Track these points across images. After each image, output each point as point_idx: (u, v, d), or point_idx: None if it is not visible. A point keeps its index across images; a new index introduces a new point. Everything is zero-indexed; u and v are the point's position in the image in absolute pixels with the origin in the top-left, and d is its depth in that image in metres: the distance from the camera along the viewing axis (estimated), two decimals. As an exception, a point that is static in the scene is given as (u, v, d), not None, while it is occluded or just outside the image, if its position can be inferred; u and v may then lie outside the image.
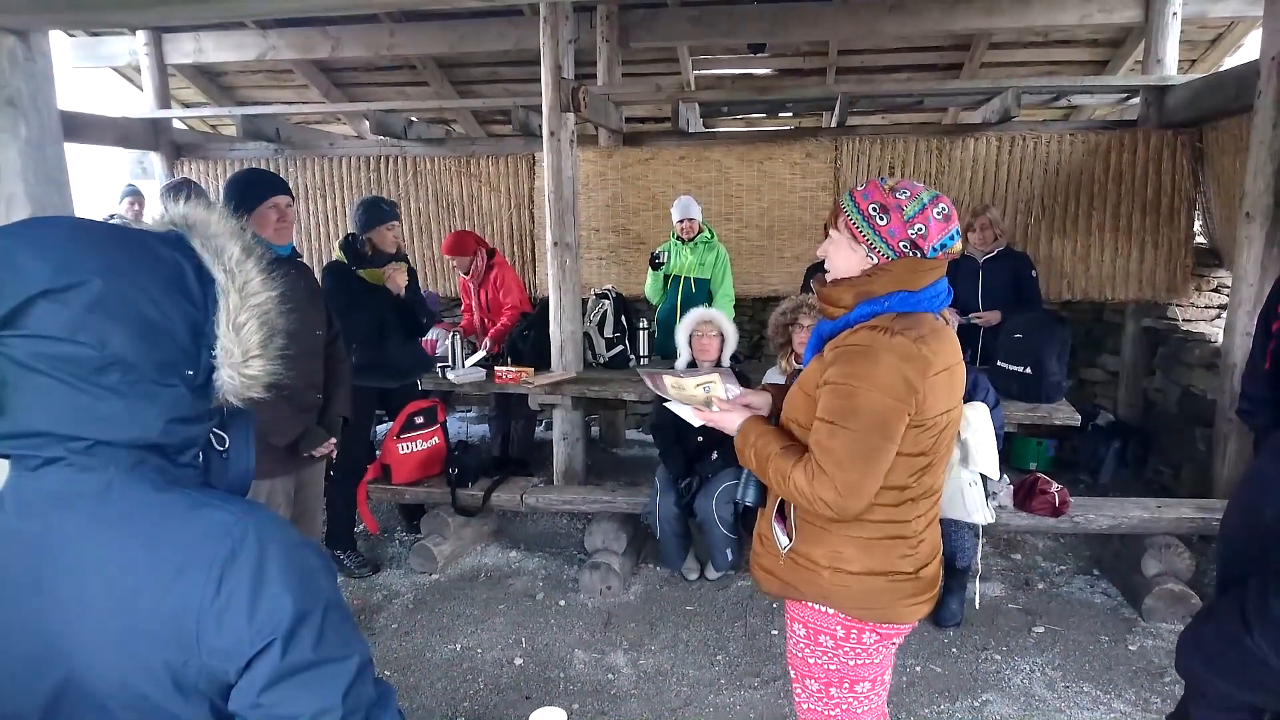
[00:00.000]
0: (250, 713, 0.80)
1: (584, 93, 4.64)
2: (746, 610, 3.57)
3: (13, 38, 1.17)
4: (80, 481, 0.81)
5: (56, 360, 0.78)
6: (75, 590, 0.79)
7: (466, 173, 6.03)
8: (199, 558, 0.79)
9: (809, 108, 6.83)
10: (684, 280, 4.81)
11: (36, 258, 0.78)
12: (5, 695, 0.83)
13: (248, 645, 0.79)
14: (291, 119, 6.93)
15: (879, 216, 1.61)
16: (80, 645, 0.79)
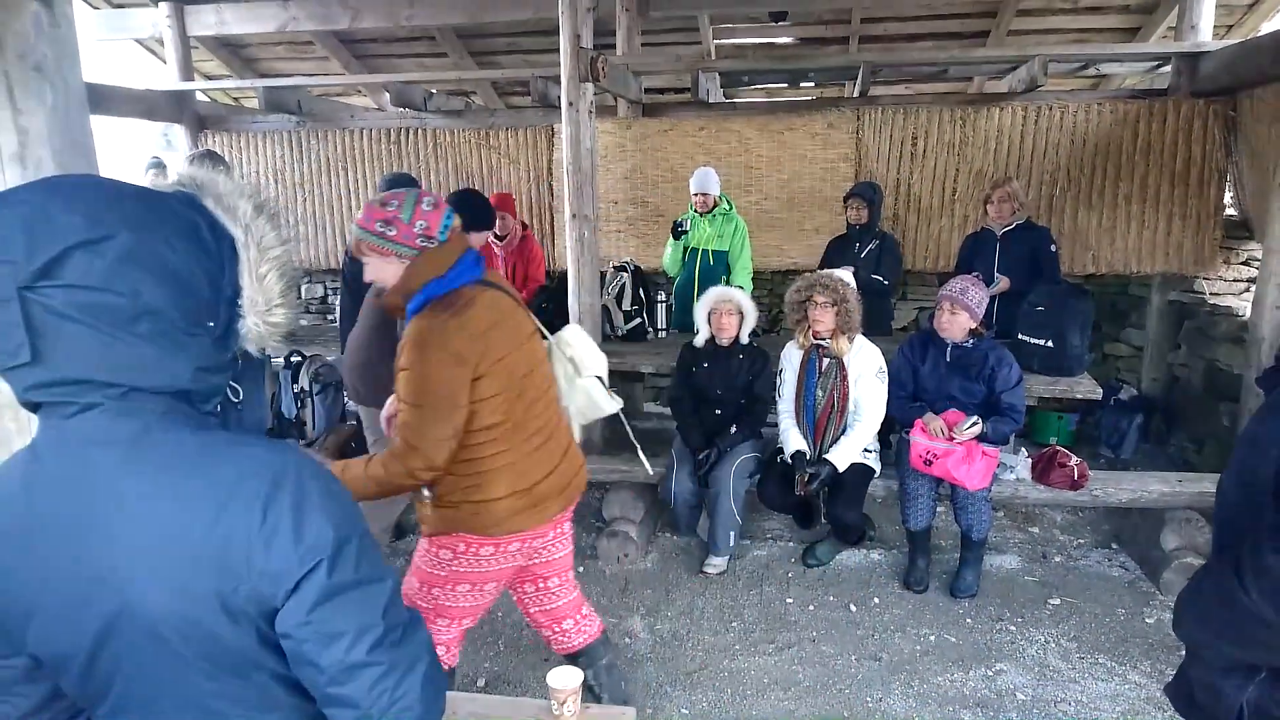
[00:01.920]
0: (299, 630, 0.85)
1: (603, 62, 4.60)
2: (761, 579, 3.61)
3: (37, 4, 1.18)
4: (117, 426, 0.84)
5: (92, 309, 0.81)
6: (122, 528, 0.83)
7: (486, 145, 6.03)
8: (244, 489, 0.84)
9: (831, 77, 6.74)
10: (701, 253, 4.77)
11: (69, 211, 0.81)
12: (53, 635, 0.87)
13: (296, 568, 0.84)
14: (313, 91, 6.95)
15: (387, 230, 1.94)
16: (132, 580, 0.83)
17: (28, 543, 0.85)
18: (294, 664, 0.89)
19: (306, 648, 0.86)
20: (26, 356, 0.80)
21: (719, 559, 3.65)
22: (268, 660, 0.89)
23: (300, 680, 0.91)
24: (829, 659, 3.03)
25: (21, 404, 0.86)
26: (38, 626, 0.87)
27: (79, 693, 0.92)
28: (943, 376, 3.48)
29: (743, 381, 3.70)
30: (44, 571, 0.85)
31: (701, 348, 3.75)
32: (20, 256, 0.78)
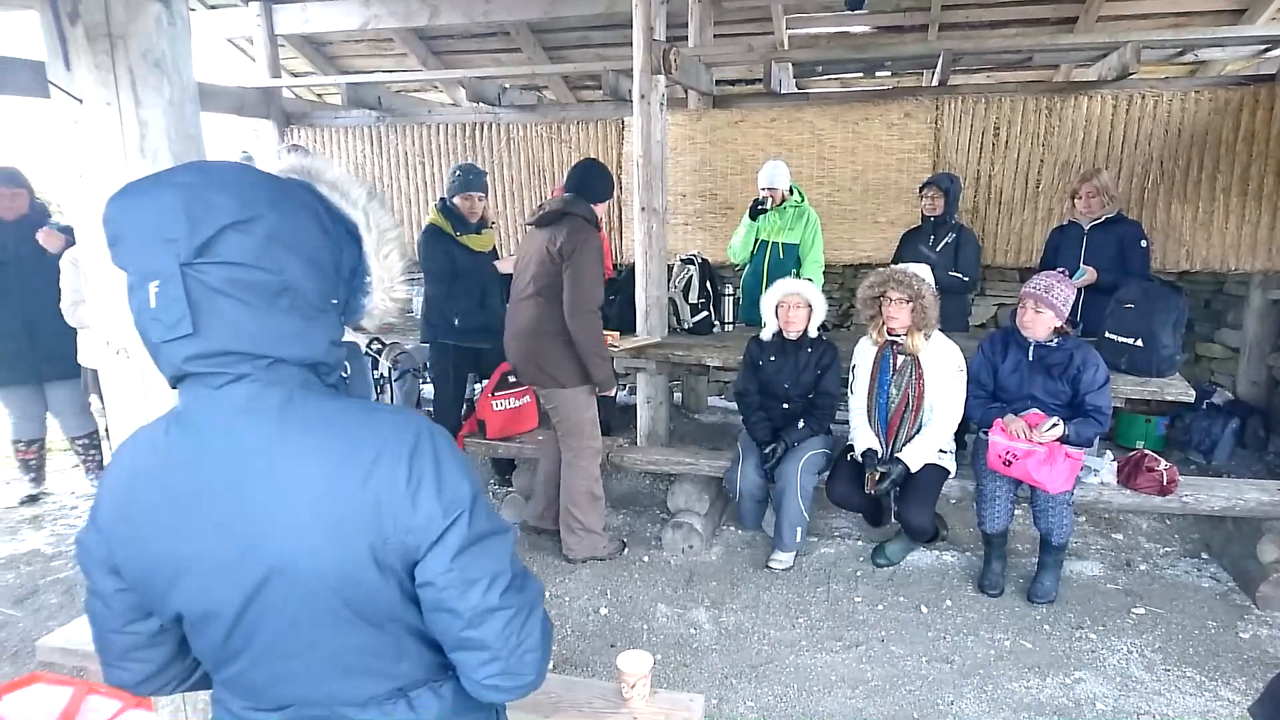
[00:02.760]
0: (442, 578, 0.93)
1: (675, 55, 4.60)
2: (829, 577, 3.57)
3: (158, 4, 1.26)
4: (265, 396, 0.91)
5: (243, 285, 0.88)
6: (275, 491, 0.90)
7: (557, 139, 6.10)
8: (389, 450, 0.92)
9: (908, 66, 6.58)
10: (771, 245, 4.70)
11: (223, 193, 0.87)
12: (203, 593, 0.94)
13: (440, 520, 0.92)
14: (391, 87, 7.14)
15: None
16: (287, 539, 0.90)
17: (178, 508, 0.92)
18: (431, 612, 0.96)
19: (447, 594, 0.94)
20: (188, 329, 0.86)
21: (785, 555, 3.62)
22: (404, 612, 0.97)
23: (433, 629, 0.98)
24: (898, 659, 2.98)
25: (170, 377, 0.93)
26: (187, 586, 0.93)
27: (216, 650, 0.98)
28: (1024, 376, 3.37)
29: (811, 376, 3.65)
30: (196, 534, 0.91)
31: (769, 341, 3.72)
32: (182, 235, 0.85)
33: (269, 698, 1.00)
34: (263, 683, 0.99)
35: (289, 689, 0.99)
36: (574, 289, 3.37)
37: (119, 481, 0.97)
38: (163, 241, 0.85)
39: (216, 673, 1.03)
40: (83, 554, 1.00)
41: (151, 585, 0.95)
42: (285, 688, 0.99)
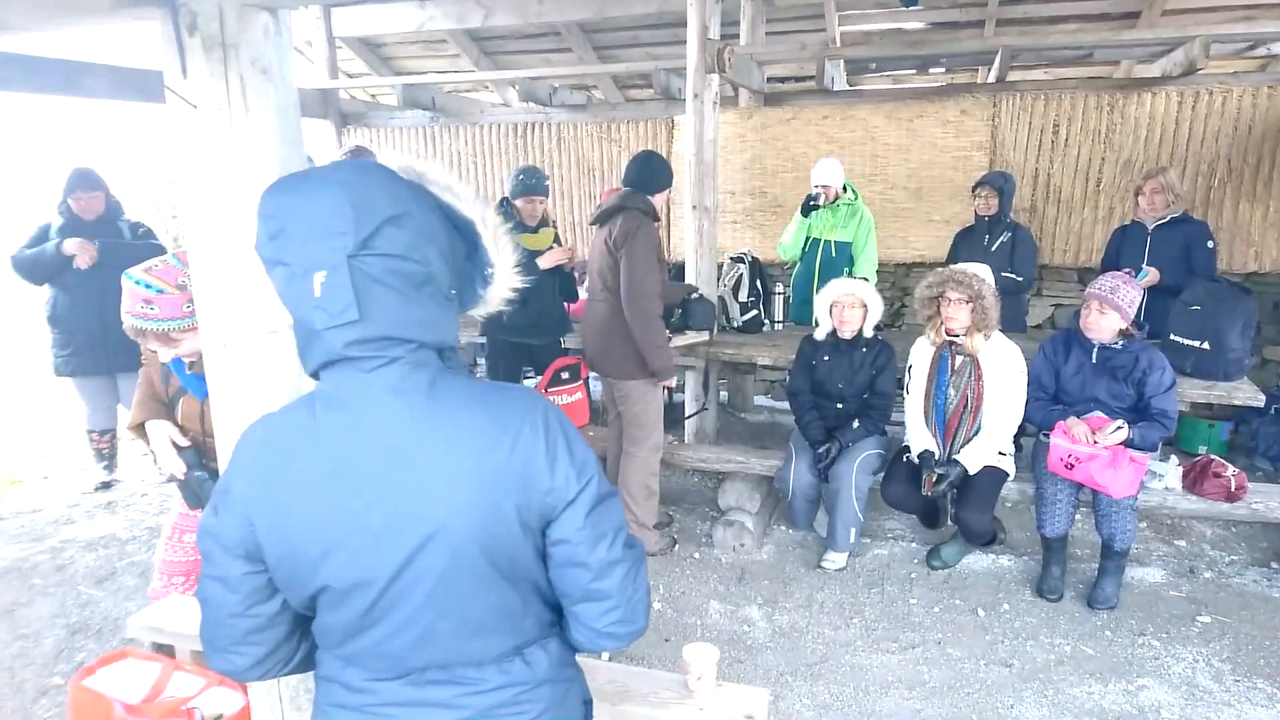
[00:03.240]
0: (576, 535, 1.03)
1: (730, 53, 4.61)
2: (883, 578, 3.55)
3: (266, 14, 1.32)
4: (413, 377, 0.98)
5: (398, 275, 0.96)
6: (431, 461, 0.97)
7: (607, 138, 6.14)
8: (527, 422, 1.02)
9: (963, 63, 6.49)
10: (823, 243, 4.66)
11: (379, 190, 0.96)
12: (355, 565, 0.99)
13: (575, 483, 1.03)
14: (444, 88, 7.26)
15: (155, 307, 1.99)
16: (444, 504, 0.97)
17: (334, 483, 0.97)
18: (562, 567, 1.06)
19: (579, 550, 1.04)
20: (354, 315, 0.94)
21: (838, 555, 3.61)
22: (535, 571, 1.06)
23: (560, 584, 1.07)
24: (956, 662, 2.96)
25: (319, 363, 0.99)
26: (340, 557, 0.98)
27: (355, 621, 1.02)
28: (1087, 379, 3.31)
29: (865, 376, 3.64)
30: (352, 506, 0.97)
31: (823, 340, 3.71)
32: (349, 229, 0.93)
33: (400, 664, 1.05)
34: (399, 649, 1.03)
35: (425, 652, 1.04)
36: (628, 278, 3.42)
37: (257, 465, 1.02)
38: (331, 235, 0.93)
39: (344, 646, 1.06)
40: (208, 541, 1.04)
41: (300, 560, 0.99)
42: (422, 651, 1.04)
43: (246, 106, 1.31)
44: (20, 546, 3.89)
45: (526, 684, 1.11)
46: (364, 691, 1.07)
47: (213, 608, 1.07)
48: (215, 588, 1.05)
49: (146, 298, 2.00)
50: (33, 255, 3.97)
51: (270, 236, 0.95)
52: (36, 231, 4.07)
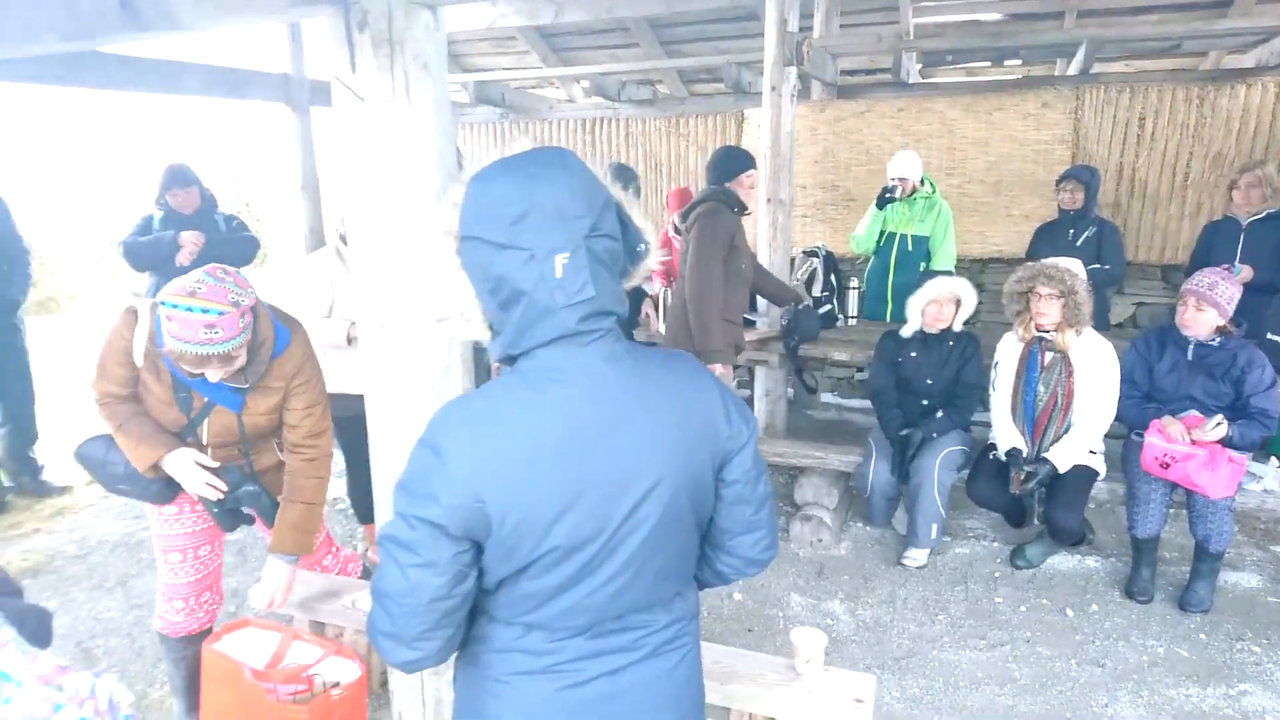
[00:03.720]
0: (745, 475, 1.17)
1: (808, 45, 4.60)
2: (966, 576, 3.52)
3: (427, 11, 1.38)
4: (616, 347, 1.07)
5: (610, 254, 1.04)
6: (649, 420, 1.06)
7: (675, 132, 6.17)
8: (706, 380, 1.15)
9: (1042, 55, 6.35)
10: (899, 237, 4.60)
11: (591, 175, 1.05)
12: (589, 519, 1.05)
13: (745, 433, 1.16)
14: (512, 84, 7.37)
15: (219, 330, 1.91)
16: (662, 457, 1.07)
17: (565, 451, 1.03)
18: (731, 505, 1.19)
19: (746, 488, 1.18)
20: (590, 293, 1.01)
21: (919, 551, 3.59)
22: (708, 512, 1.19)
23: (726, 521, 1.20)
24: (1046, 660, 2.92)
25: (545, 341, 1.02)
26: (572, 519, 1.04)
27: (568, 580, 1.07)
28: (1183, 377, 3.24)
29: (953, 370, 3.60)
30: (586, 467, 1.03)
31: (909, 337, 3.68)
32: (586, 212, 1.00)
33: (594, 617, 1.10)
34: (600, 602, 1.09)
35: (621, 601, 1.10)
36: (690, 257, 3.48)
37: (479, 445, 1.02)
38: (573, 218, 0.99)
39: (537, 611, 1.09)
40: (420, 529, 1.02)
41: (532, 525, 1.03)
42: (619, 601, 1.10)
43: (409, 99, 1.38)
44: (125, 523, 4.09)
45: (684, 619, 1.22)
46: (548, 653, 1.11)
47: (413, 596, 1.04)
48: (420, 574, 1.03)
49: (208, 323, 1.87)
50: (149, 243, 4.15)
51: (512, 221, 0.99)
52: (141, 222, 4.26)
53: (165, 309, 1.88)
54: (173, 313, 1.86)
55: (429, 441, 1.05)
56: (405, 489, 1.05)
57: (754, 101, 5.92)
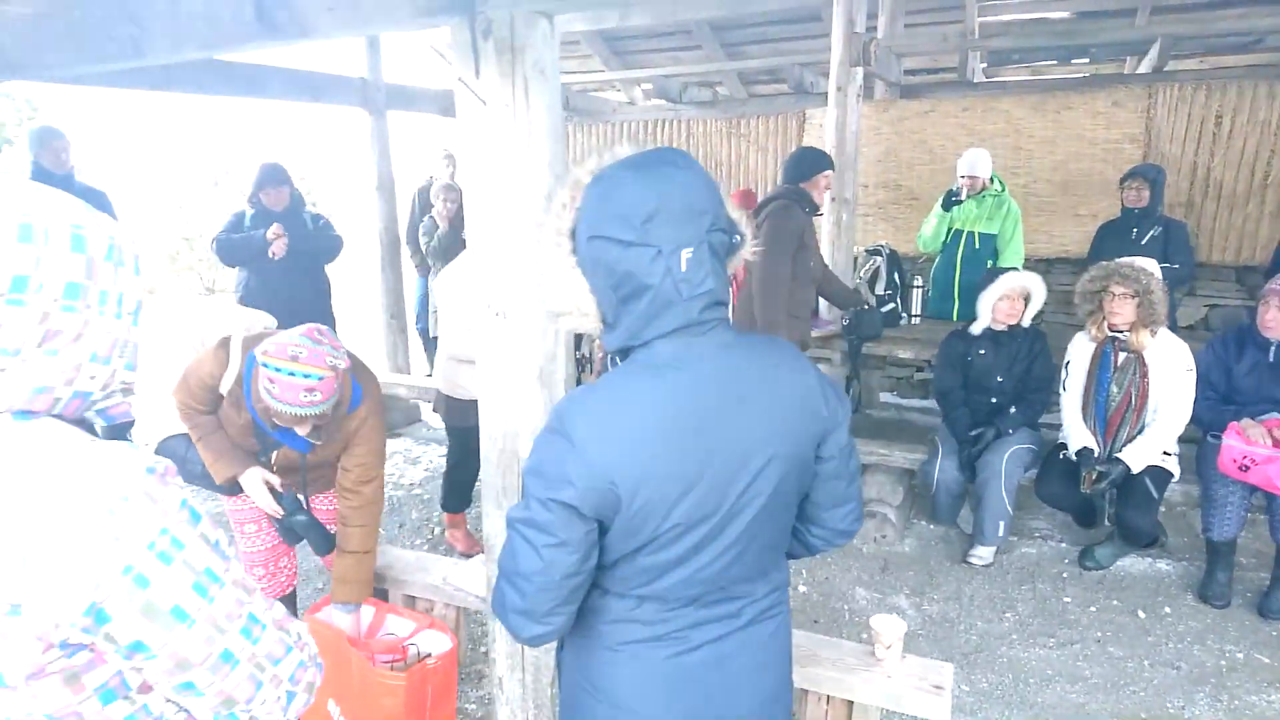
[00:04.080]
0: (840, 452, 1.24)
1: (875, 46, 4.62)
2: (1034, 576, 3.51)
3: (545, 20, 1.48)
4: (728, 334, 1.14)
5: (724, 246, 1.11)
6: (766, 402, 1.14)
7: (736, 133, 6.23)
8: (805, 364, 1.22)
9: (1111, 52, 6.23)
10: (966, 235, 4.56)
11: (705, 172, 1.12)
12: (710, 496, 1.12)
13: (840, 412, 1.23)
14: (573, 87, 7.50)
15: (318, 394, 2.02)
16: (775, 435, 1.14)
17: (687, 436, 1.09)
18: (827, 480, 1.25)
19: (840, 464, 1.25)
20: (711, 284, 1.08)
21: (985, 549, 3.58)
22: (807, 488, 1.26)
23: (822, 495, 1.27)
24: (1118, 661, 2.91)
25: (667, 331, 1.09)
26: (692, 500, 1.10)
27: (684, 554, 1.14)
28: (1263, 378, 3.18)
29: (1022, 366, 3.59)
30: (702, 453, 1.10)
31: (978, 335, 3.67)
32: (709, 208, 1.07)
33: (704, 589, 1.17)
34: (712, 574, 1.16)
35: (730, 572, 1.18)
36: (761, 252, 3.53)
37: (608, 432, 1.09)
38: (698, 215, 1.06)
39: (653, 584, 1.16)
40: (557, 514, 1.09)
41: (658, 504, 1.10)
42: (729, 572, 1.17)
43: (528, 104, 1.48)
44: (202, 498, 4.31)
45: (779, 588, 1.30)
46: (660, 623, 1.19)
47: (547, 574, 1.11)
48: (554, 553, 1.10)
49: (308, 387, 1.97)
50: (241, 240, 4.37)
51: (642, 220, 1.04)
52: (232, 219, 4.49)
53: (267, 370, 1.96)
54: (275, 375, 1.95)
55: (559, 429, 1.10)
56: (539, 474, 1.10)
57: (816, 102, 5.94)
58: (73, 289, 0.80)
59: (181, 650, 0.81)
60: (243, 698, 0.88)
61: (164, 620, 0.80)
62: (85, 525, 0.75)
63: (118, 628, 0.78)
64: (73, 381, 0.82)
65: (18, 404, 0.79)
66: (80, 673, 0.80)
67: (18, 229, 0.77)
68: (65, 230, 0.80)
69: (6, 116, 14.65)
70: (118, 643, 0.79)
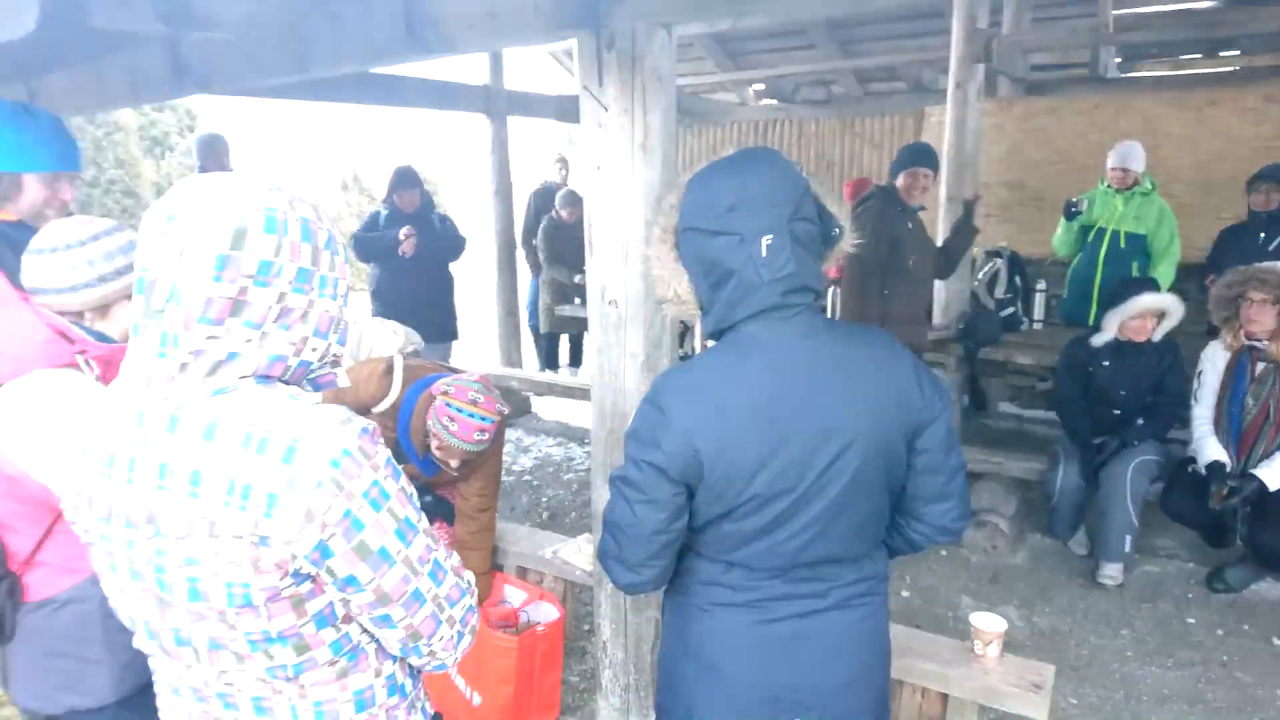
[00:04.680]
0: (938, 445, 1.26)
1: (997, 42, 4.50)
2: (1156, 594, 3.35)
3: (663, 30, 1.59)
4: (814, 321, 1.22)
5: (807, 236, 1.19)
6: (846, 387, 1.20)
7: (850, 132, 6.18)
8: (901, 355, 1.24)
9: (1266, 44, 5.79)
10: (1110, 234, 4.26)
11: (790, 168, 1.21)
12: (787, 471, 1.19)
13: (938, 404, 1.25)
14: (685, 90, 7.62)
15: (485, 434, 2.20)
16: (858, 421, 1.19)
17: (768, 410, 1.18)
18: (922, 474, 1.27)
19: (938, 458, 1.26)
20: (791, 268, 1.17)
21: (1113, 566, 3.37)
22: (900, 479, 1.27)
23: (919, 489, 1.28)
24: (1245, 686, 2.75)
25: (752, 314, 1.19)
26: (770, 473, 1.19)
27: (766, 525, 1.23)
28: None
29: (1151, 379, 3.42)
30: (784, 428, 1.18)
31: (1101, 345, 3.51)
32: (786, 200, 1.17)
33: (787, 561, 1.25)
34: (794, 548, 1.24)
35: (814, 549, 1.24)
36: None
37: (694, 402, 1.20)
38: (776, 205, 1.16)
39: (739, 550, 1.26)
40: (646, 471, 1.21)
41: (737, 474, 1.20)
42: (812, 548, 1.24)
43: (645, 108, 1.60)
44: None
45: (872, 579, 1.33)
46: (746, 590, 1.28)
47: (639, 528, 1.24)
48: (646, 510, 1.22)
49: (480, 428, 2.18)
50: (376, 239, 4.74)
51: (725, 210, 1.17)
52: (368, 219, 4.86)
53: (449, 409, 2.18)
54: (456, 415, 2.17)
55: (654, 400, 1.23)
56: (635, 438, 1.24)
57: (935, 100, 5.82)
58: (303, 273, 0.93)
59: (384, 586, 0.95)
60: (426, 633, 1.01)
61: (372, 560, 0.93)
62: (317, 475, 0.88)
63: (337, 563, 0.92)
64: (300, 352, 0.96)
65: (259, 370, 0.93)
66: (304, 599, 0.94)
67: (264, 220, 0.90)
68: (298, 221, 0.93)
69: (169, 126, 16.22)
70: (335, 576, 0.93)
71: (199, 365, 0.90)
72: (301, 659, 0.97)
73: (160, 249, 0.89)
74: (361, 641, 1.02)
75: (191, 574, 0.91)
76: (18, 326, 1.36)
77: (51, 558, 1.42)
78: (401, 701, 1.08)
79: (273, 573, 0.90)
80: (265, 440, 0.88)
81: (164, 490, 0.90)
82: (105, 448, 0.95)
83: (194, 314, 0.88)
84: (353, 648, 1.00)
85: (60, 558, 1.41)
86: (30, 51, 1.71)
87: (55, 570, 1.42)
